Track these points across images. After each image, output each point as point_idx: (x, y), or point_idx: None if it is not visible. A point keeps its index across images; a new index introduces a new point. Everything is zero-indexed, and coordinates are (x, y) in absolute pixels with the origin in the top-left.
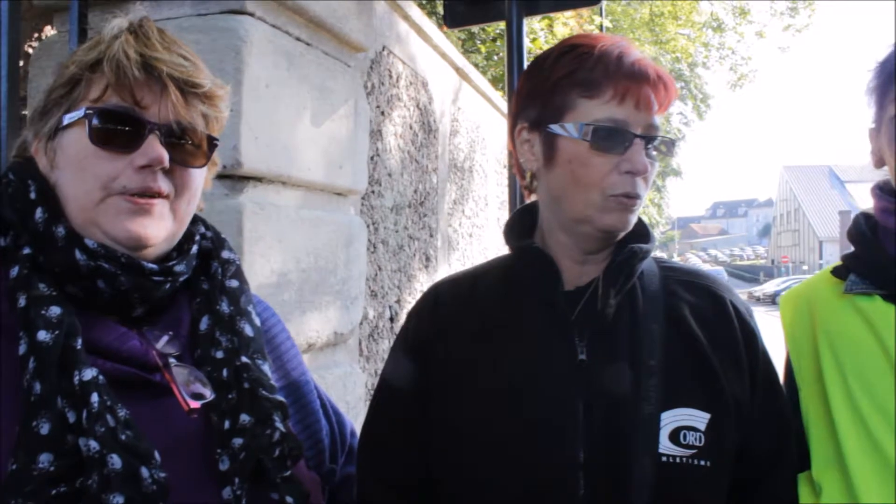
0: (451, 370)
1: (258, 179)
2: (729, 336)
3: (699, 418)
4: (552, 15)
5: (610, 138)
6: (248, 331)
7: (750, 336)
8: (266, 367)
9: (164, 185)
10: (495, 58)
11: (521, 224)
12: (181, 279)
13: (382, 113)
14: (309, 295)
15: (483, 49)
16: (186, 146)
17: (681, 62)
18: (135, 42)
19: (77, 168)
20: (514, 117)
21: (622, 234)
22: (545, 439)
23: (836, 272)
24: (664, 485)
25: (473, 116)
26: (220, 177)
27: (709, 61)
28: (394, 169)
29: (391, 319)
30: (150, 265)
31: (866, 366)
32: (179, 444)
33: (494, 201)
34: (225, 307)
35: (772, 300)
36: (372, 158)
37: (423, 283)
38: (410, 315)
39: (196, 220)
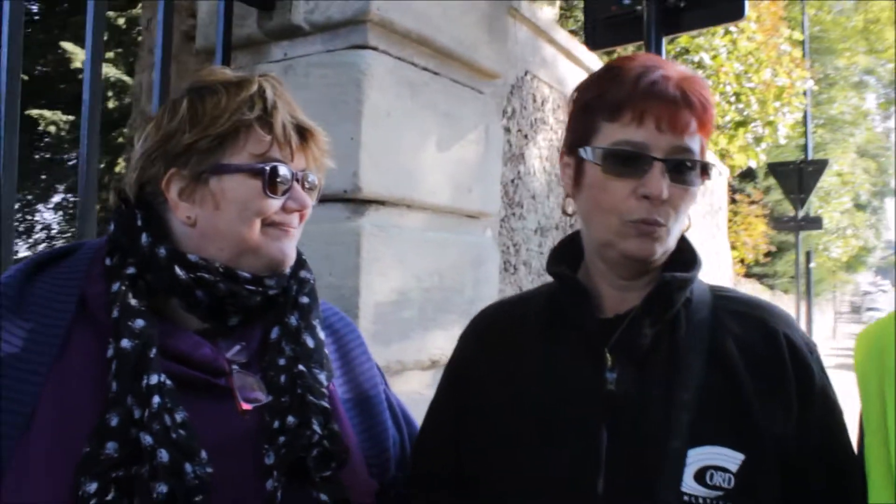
0: (487, 394)
1: (380, 203)
2: (777, 373)
3: (731, 459)
4: (733, 29)
5: (625, 162)
6: (310, 342)
7: (804, 374)
8: (322, 376)
9: (297, 220)
10: None
11: (568, 250)
12: (271, 292)
13: (525, 136)
14: (432, 313)
15: None
16: (315, 190)
17: None
18: (290, 107)
19: (238, 207)
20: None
21: (658, 262)
22: (566, 469)
23: None
24: None
25: None
26: (342, 200)
27: None
28: (538, 191)
29: None
30: (245, 274)
31: None
32: (234, 441)
33: None
34: (294, 320)
35: None
36: (512, 181)
37: None
38: (460, 337)
39: None
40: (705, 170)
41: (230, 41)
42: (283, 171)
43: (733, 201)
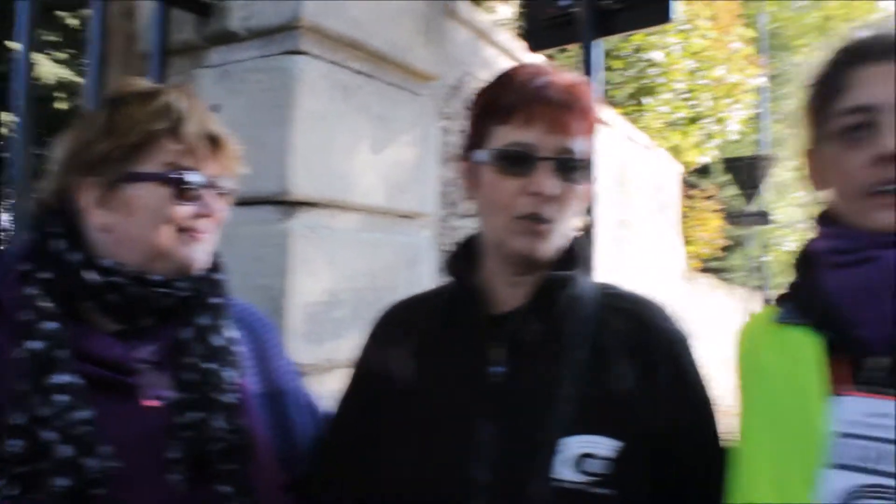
0: (385, 388)
1: (312, 205)
2: (652, 365)
3: (605, 446)
4: (686, 26)
5: (515, 162)
6: (220, 342)
7: (677, 365)
8: (231, 374)
9: (208, 224)
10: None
11: (467, 251)
12: (182, 294)
13: None
14: (365, 313)
15: (622, 64)
16: (222, 195)
17: None
18: (200, 117)
19: (149, 213)
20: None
21: (546, 259)
22: (450, 459)
23: (779, 302)
24: None
25: None
26: (273, 203)
27: None
28: None
29: None
30: (155, 278)
31: (781, 397)
32: (141, 436)
33: (609, 220)
34: (205, 321)
35: None
36: (453, 181)
37: None
38: (366, 335)
39: None
40: (589, 170)
41: (166, 46)
42: (191, 178)
43: (689, 197)
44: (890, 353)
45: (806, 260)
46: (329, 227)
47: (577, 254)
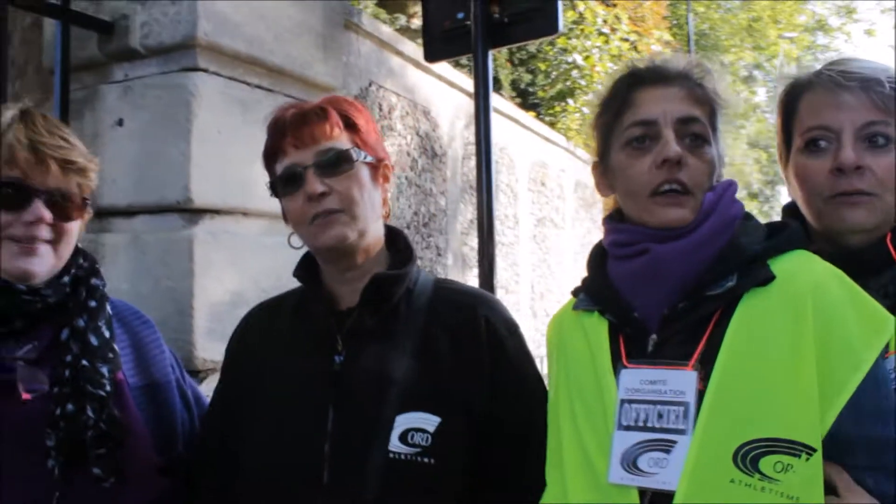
0: (244, 381)
1: (215, 212)
2: (474, 350)
3: (430, 421)
4: (605, 30)
5: (289, 182)
6: (95, 341)
7: (499, 351)
8: (105, 369)
9: (46, 233)
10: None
11: (313, 257)
12: (50, 300)
13: None
14: None
15: (545, 66)
16: (65, 206)
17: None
18: (24, 129)
19: None
20: None
21: (361, 246)
22: (299, 437)
23: (575, 292)
24: (392, 477)
25: (496, 139)
26: (178, 210)
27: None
28: None
29: None
30: (20, 286)
31: (580, 373)
32: (19, 427)
33: (528, 220)
34: (81, 322)
35: None
36: None
37: None
38: (232, 335)
39: (78, 253)
40: (349, 158)
41: (68, 61)
42: (12, 189)
43: None
44: (659, 331)
45: (598, 255)
46: (232, 232)
47: (408, 253)
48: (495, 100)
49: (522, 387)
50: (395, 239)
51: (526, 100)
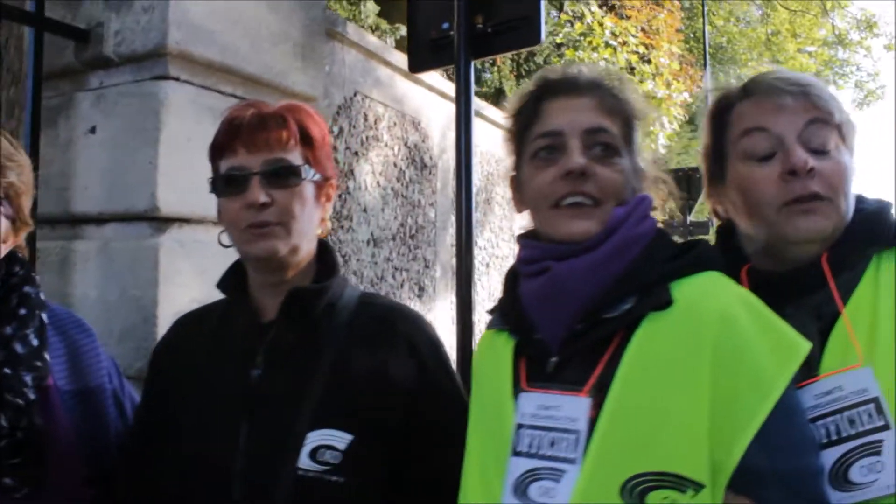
0: (166, 391)
1: (184, 221)
2: (393, 367)
3: (341, 439)
4: (613, 43)
5: (231, 184)
6: (20, 349)
7: (419, 368)
8: (28, 378)
9: None
10: None
11: (240, 267)
12: None
13: (356, 154)
14: None
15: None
16: None
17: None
18: None
19: None
20: None
21: (287, 259)
22: (212, 451)
23: (491, 310)
24: (300, 495)
25: (492, 150)
26: (146, 219)
27: (831, 77)
28: (370, 205)
29: None
30: None
31: (486, 394)
32: None
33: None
34: (9, 330)
35: None
36: (340, 196)
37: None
38: (157, 344)
39: (14, 261)
40: (298, 174)
41: (41, 69)
42: None
43: None
44: (559, 354)
45: (514, 272)
46: (200, 241)
47: (332, 267)
48: (493, 112)
49: (441, 406)
50: (323, 253)
51: None
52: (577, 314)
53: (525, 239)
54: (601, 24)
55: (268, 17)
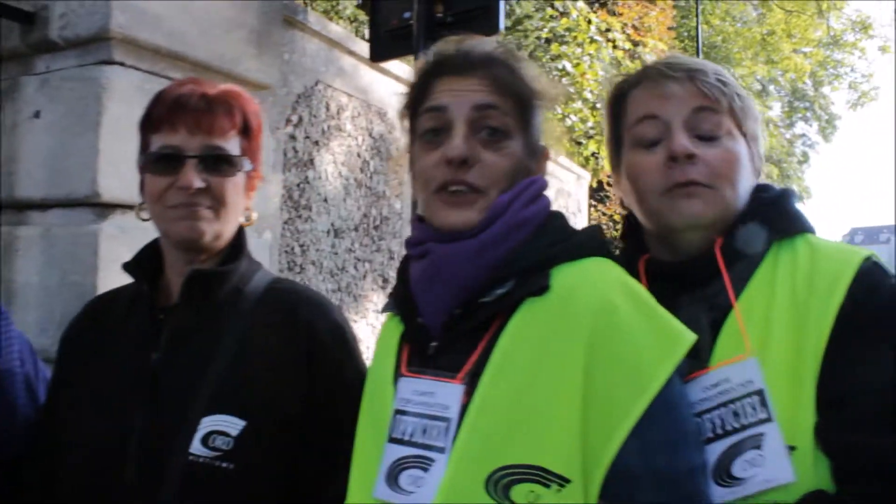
0: (72, 374)
1: (128, 207)
2: (291, 353)
3: (234, 425)
4: (598, 38)
5: (164, 162)
6: None
7: (318, 355)
8: None
9: None
10: None
11: (153, 249)
12: None
13: (316, 143)
14: None
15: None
16: None
17: (805, 82)
18: None
19: None
20: None
21: (211, 244)
22: (107, 435)
23: (390, 295)
24: (190, 481)
25: None
26: (87, 205)
27: (826, 78)
28: (331, 195)
29: None
30: None
31: (374, 378)
32: None
33: None
34: None
35: None
36: (298, 185)
37: (377, 302)
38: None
39: None
40: (235, 164)
41: None
42: None
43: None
44: (439, 338)
45: (407, 256)
46: (142, 227)
47: (239, 249)
48: None
49: (339, 395)
50: (235, 238)
51: None
52: (455, 298)
53: (415, 220)
54: (588, 21)
55: (220, 4)
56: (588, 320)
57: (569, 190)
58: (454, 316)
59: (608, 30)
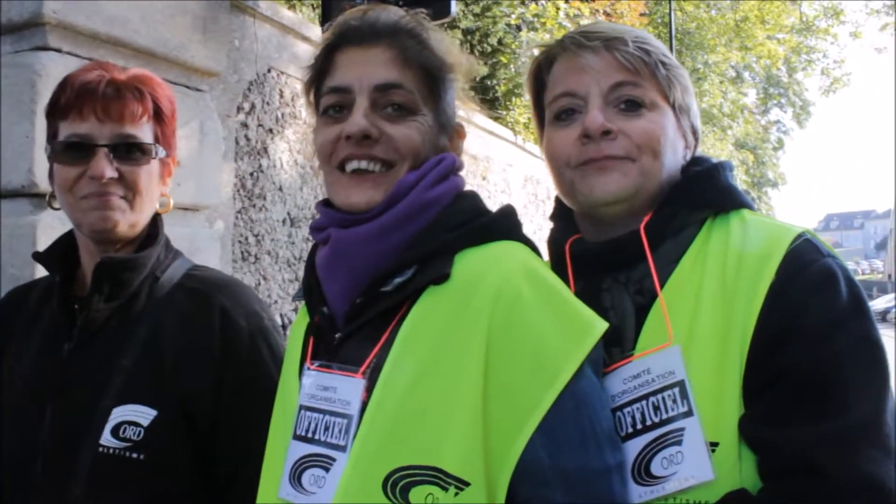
0: None
1: None
2: (204, 341)
3: (145, 415)
4: (567, 24)
5: (73, 151)
6: None
7: (232, 342)
8: None
9: None
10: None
11: (69, 239)
12: None
13: (270, 131)
14: None
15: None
16: None
17: (779, 68)
18: None
19: None
20: None
21: (124, 233)
22: (18, 427)
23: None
24: (99, 473)
25: None
26: (25, 195)
27: (799, 64)
28: (286, 183)
29: (284, 327)
30: None
31: (284, 371)
32: None
33: None
34: None
35: (882, 318)
36: (252, 174)
37: None
38: None
39: None
40: (148, 151)
41: None
42: None
43: None
44: (342, 329)
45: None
46: None
47: (154, 238)
48: None
49: (252, 385)
50: (150, 226)
51: (486, 93)
52: (357, 287)
53: (319, 204)
54: (556, 7)
55: None
56: (488, 309)
57: (538, 177)
58: (356, 305)
59: (577, 16)
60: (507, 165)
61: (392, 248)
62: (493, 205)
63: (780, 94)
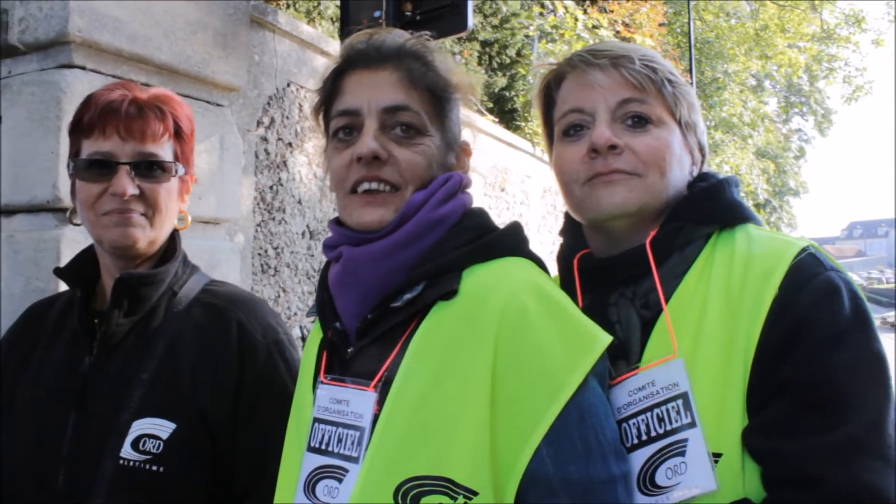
0: (8, 377)
1: None
2: (221, 355)
3: (164, 428)
4: (585, 35)
5: (94, 168)
6: None
7: (247, 356)
8: None
9: None
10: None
11: (88, 254)
12: None
13: (289, 145)
14: None
15: (525, 71)
16: None
17: (800, 76)
18: None
19: None
20: None
21: (144, 249)
22: (40, 438)
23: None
24: (119, 485)
25: None
26: (49, 210)
27: (820, 73)
28: (306, 196)
29: (302, 339)
30: None
31: (299, 385)
32: None
33: None
34: None
35: None
36: (272, 188)
37: None
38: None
39: None
40: (168, 170)
41: None
42: None
43: None
44: (355, 344)
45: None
46: None
47: (172, 253)
48: None
49: (269, 398)
50: (169, 241)
51: (503, 105)
52: (367, 303)
53: (332, 222)
54: (575, 18)
55: (183, 5)
56: (495, 323)
57: (556, 188)
58: (367, 321)
59: (596, 27)
60: (525, 177)
61: (402, 265)
62: (511, 216)
63: (801, 102)
